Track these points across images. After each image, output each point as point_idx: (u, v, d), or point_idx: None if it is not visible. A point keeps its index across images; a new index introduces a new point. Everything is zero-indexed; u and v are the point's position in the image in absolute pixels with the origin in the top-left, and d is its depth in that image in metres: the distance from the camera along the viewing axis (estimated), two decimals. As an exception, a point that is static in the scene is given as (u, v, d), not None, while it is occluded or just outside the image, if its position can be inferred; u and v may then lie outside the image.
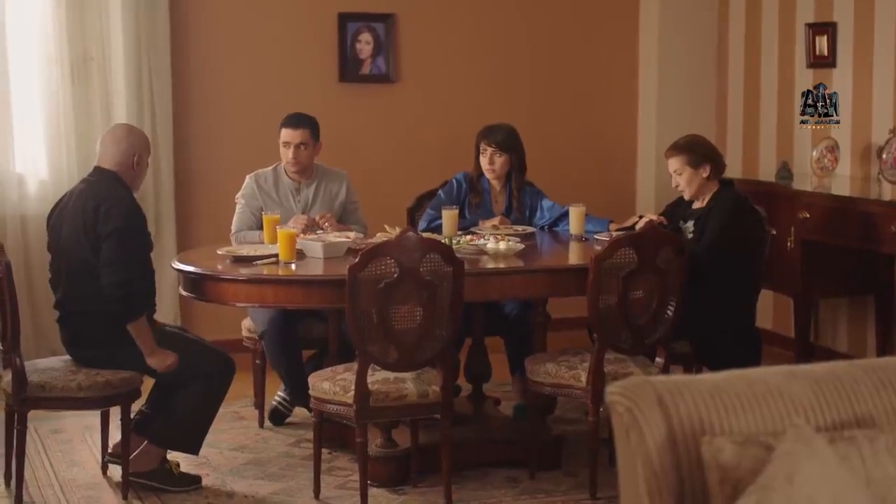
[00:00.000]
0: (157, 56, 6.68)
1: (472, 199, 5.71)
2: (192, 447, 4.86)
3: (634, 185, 7.79)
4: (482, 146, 5.65)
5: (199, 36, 6.93)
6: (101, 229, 4.59)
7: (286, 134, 5.60)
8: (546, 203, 5.75)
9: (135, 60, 6.63)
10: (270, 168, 5.72)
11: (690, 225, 5.29)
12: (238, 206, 5.69)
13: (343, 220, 5.67)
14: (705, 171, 5.23)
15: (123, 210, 4.64)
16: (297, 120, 5.62)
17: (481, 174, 5.71)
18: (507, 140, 5.62)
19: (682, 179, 5.25)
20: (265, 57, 7.07)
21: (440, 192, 5.76)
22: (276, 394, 5.74)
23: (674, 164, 5.28)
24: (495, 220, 5.58)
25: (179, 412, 4.79)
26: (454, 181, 5.75)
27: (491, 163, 5.63)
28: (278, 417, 5.72)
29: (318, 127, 5.67)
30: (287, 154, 5.60)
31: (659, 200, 6.90)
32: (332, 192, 5.73)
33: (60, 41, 6.51)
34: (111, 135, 4.89)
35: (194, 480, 4.90)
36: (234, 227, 5.67)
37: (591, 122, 7.70)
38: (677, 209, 5.45)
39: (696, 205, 5.33)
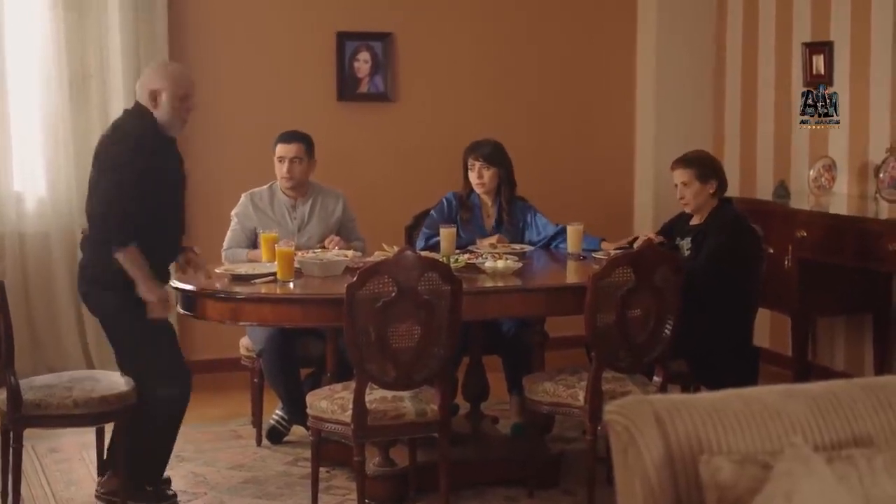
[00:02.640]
0: (156, 74, 6.69)
1: (462, 216, 5.71)
2: (155, 479, 4.81)
3: (632, 204, 7.80)
4: (470, 161, 5.67)
5: (198, 54, 6.94)
6: (99, 161, 4.67)
7: (281, 149, 5.66)
8: (541, 221, 5.75)
9: (133, 78, 6.58)
10: (266, 186, 5.75)
11: (687, 242, 5.30)
12: (232, 223, 5.73)
13: (342, 237, 5.68)
14: (712, 188, 5.26)
15: (122, 144, 4.59)
16: (291, 135, 5.69)
17: (471, 191, 5.73)
18: (494, 154, 5.65)
19: (689, 192, 5.26)
20: (264, 75, 7.09)
21: (432, 212, 5.77)
22: (274, 412, 5.73)
23: (682, 175, 5.28)
24: (493, 239, 5.58)
25: (139, 448, 4.71)
26: (444, 200, 5.77)
27: (480, 177, 5.64)
28: (276, 436, 5.72)
29: (313, 144, 5.72)
30: (282, 169, 5.65)
31: (656, 219, 6.91)
32: (328, 209, 5.75)
33: (59, 59, 6.52)
34: None
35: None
36: (225, 244, 5.72)
37: (589, 141, 7.71)
38: (674, 226, 5.46)
39: (694, 221, 5.34)
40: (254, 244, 5.62)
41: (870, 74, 6.41)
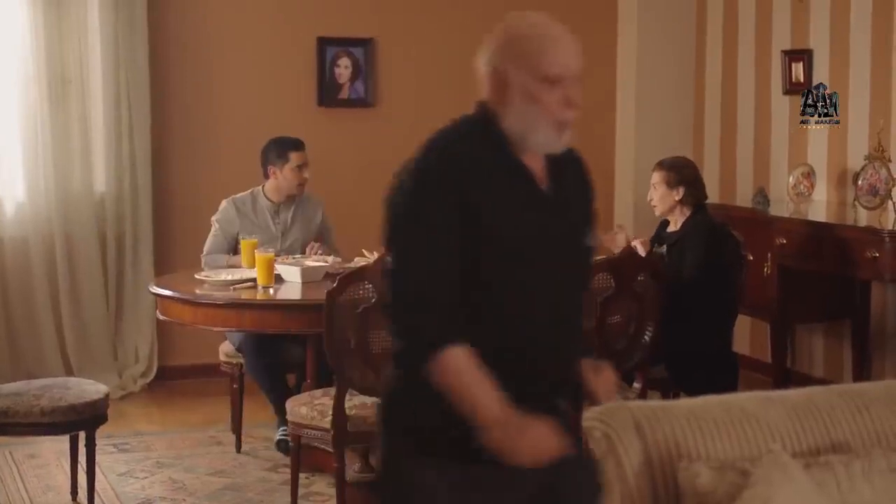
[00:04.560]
0: (136, 78, 6.67)
1: None
2: None
3: (612, 211, 7.80)
4: None
5: (178, 59, 6.92)
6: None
7: (299, 157, 5.68)
8: None
9: (113, 82, 6.62)
10: (247, 192, 5.75)
11: (664, 249, 5.32)
12: (213, 229, 5.71)
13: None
14: (678, 194, 5.29)
15: (407, 182, 2.44)
16: (300, 142, 5.73)
17: None
18: None
19: (656, 195, 5.37)
20: (244, 80, 7.08)
21: None
22: (280, 429, 5.51)
23: (654, 177, 5.39)
24: None
25: None
26: None
27: None
28: (285, 447, 5.40)
29: None
30: (299, 175, 5.67)
31: (636, 226, 6.92)
32: (309, 215, 5.78)
33: (38, 62, 6.48)
34: None
35: None
36: (206, 249, 5.70)
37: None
38: (657, 233, 5.49)
39: (671, 228, 5.38)
40: (234, 250, 5.61)
41: (849, 82, 6.43)
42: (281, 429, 5.52)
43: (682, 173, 5.35)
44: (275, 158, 5.67)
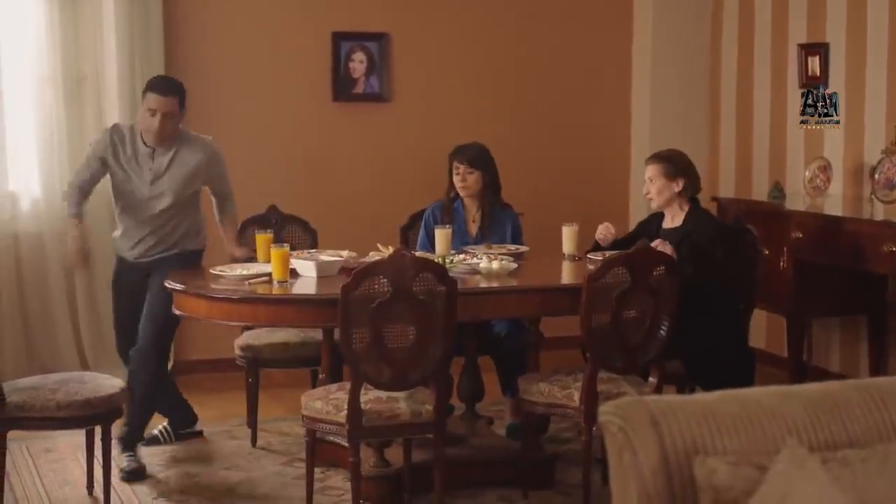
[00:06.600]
0: (151, 74, 6.63)
1: (443, 219, 5.67)
2: None
3: (627, 205, 7.80)
4: (454, 165, 5.66)
5: (193, 55, 6.93)
6: None
7: (154, 100, 5.14)
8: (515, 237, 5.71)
9: (128, 80, 6.63)
10: (128, 125, 5.38)
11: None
12: (86, 154, 5.45)
13: (213, 193, 5.54)
14: (678, 185, 5.23)
15: None
16: (167, 86, 5.22)
17: (456, 196, 5.71)
18: (477, 157, 5.63)
19: (654, 188, 5.26)
20: (259, 76, 7.08)
21: (422, 230, 5.74)
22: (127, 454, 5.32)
23: (650, 171, 5.29)
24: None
25: None
26: (429, 215, 5.73)
27: (463, 180, 5.63)
28: (153, 442, 5.60)
29: (186, 95, 5.31)
30: (153, 122, 5.14)
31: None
32: (186, 163, 5.33)
33: (54, 60, 6.51)
34: None
35: None
36: (72, 177, 5.48)
37: (585, 143, 7.71)
38: (649, 227, 5.43)
39: (669, 224, 5.31)
40: (98, 178, 5.34)
41: (865, 76, 6.42)
42: (127, 454, 5.28)
43: (680, 163, 5.28)
44: (142, 95, 5.26)
